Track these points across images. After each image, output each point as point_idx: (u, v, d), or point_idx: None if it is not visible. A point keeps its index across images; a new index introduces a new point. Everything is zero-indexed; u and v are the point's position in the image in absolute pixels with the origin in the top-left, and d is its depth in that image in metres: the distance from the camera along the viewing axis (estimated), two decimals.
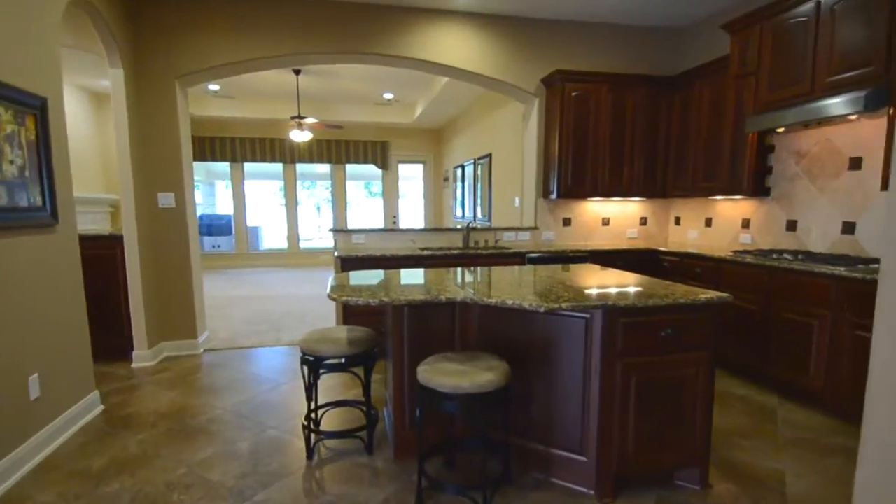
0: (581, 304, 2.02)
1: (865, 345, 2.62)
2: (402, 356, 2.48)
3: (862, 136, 3.18)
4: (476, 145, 8.27)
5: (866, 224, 3.16)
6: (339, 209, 11.16)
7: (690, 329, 2.15)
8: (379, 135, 10.93)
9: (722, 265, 3.61)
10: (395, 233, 4.75)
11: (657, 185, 4.70)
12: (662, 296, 2.12)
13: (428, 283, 2.52)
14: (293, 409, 3.14)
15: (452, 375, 1.95)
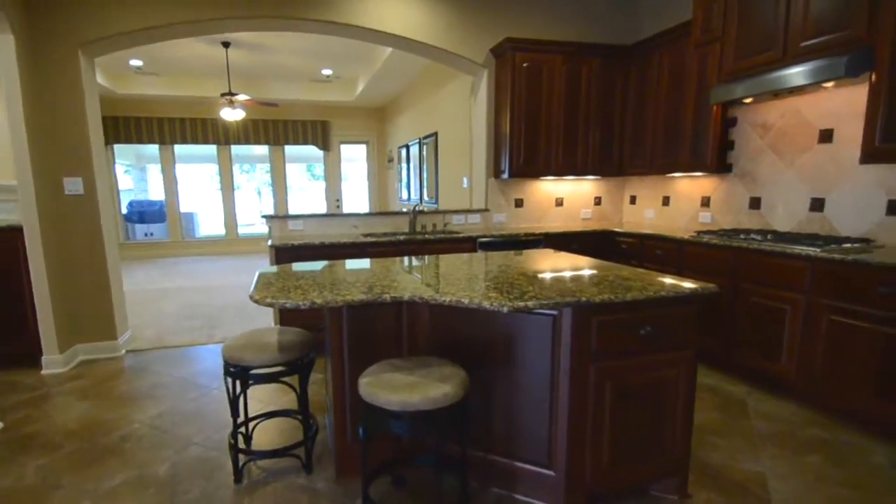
0: (551, 301, 1.58)
1: (843, 330, 2.37)
2: (343, 364, 2.03)
3: (833, 106, 2.94)
4: (421, 124, 7.70)
5: (837, 201, 2.94)
6: (279, 193, 10.29)
7: (672, 326, 1.78)
8: (319, 114, 10.11)
9: (684, 246, 3.32)
10: (335, 218, 4.18)
11: (613, 163, 4.37)
12: (641, 288, 1.72)
13: (371, 278, 2.04)
14: (224, 418, 2.66)
15: (400, 389, 1.55)
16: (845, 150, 2.86)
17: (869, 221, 2.76)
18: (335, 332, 1.99)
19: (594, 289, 1.73)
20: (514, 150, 4.12)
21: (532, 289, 1.74)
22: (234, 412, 2.07)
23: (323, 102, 9.63)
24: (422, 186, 7.79)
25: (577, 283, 1.82)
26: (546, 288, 1.75)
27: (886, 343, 2.19)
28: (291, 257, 3.43)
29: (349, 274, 2.16)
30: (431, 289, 1.80)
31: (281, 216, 4.02)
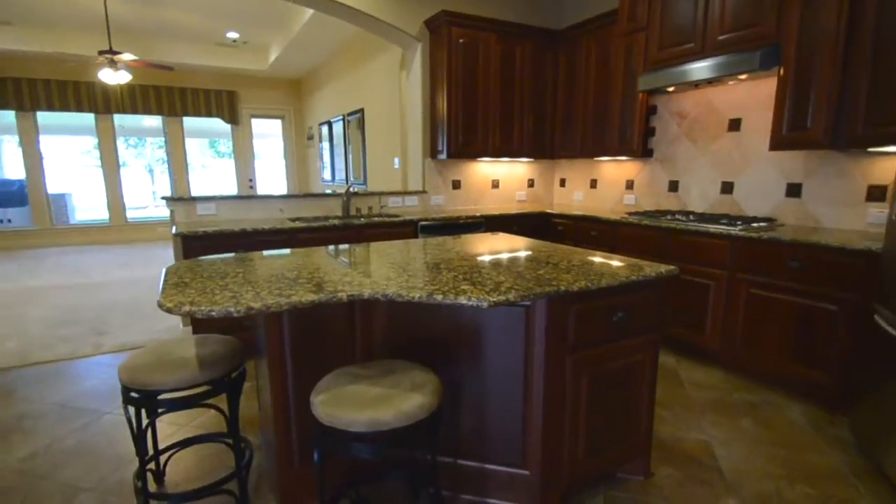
0: (531, 292, 1.53)
1: (760, 303, 2.65)
2: (285, 378, 1.75)
3: (740, 97, 3.21)
4: (345, 99, 7.29)
5: (744, 184, 3.25)
6: (177, 172, 9.20)
7: (641, 310, 1.83)
8: (225, 83, 9.14)
9: (618, 227, 3.50)
10: (256, 200, 3.78)
11: (546, 146, 4.46)
12: (611, 274, 1.75)
13: (315, 272, 1.79)
14: (123, 451, 2.18)
15: (367, 405, 1.32)
16: (751, 138, 3.16)
17: (771, 203, 3.09)
18: (274, 340, 1.69)
19: (568, 276, 1.70)
20: (452, 130, 4.02)
21: (504, 278, 1.67)
22: (141, 448, 1.64)
23: (230, 70, 8.71)
24: (347, 167, 7.43)
25: (548, 270, 1.80)
26: (520, 277, 1.69)
27: (798, 312, 2.49)
28: (203, 248, 3.00)
29: (286, 267, 1.86)
30: (395, 284, 1.59)
31: (187, 198, 3.51)
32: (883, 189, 2.56)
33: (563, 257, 2.05)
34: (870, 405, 2.05)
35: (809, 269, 2.42)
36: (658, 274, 1.79)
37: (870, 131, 2.35)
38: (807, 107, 2.58)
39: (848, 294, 2.29)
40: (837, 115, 2.47)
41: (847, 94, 2.43)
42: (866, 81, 2.35)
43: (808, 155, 2.88)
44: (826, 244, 2.34)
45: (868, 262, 2.21)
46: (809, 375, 2.46)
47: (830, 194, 2.79)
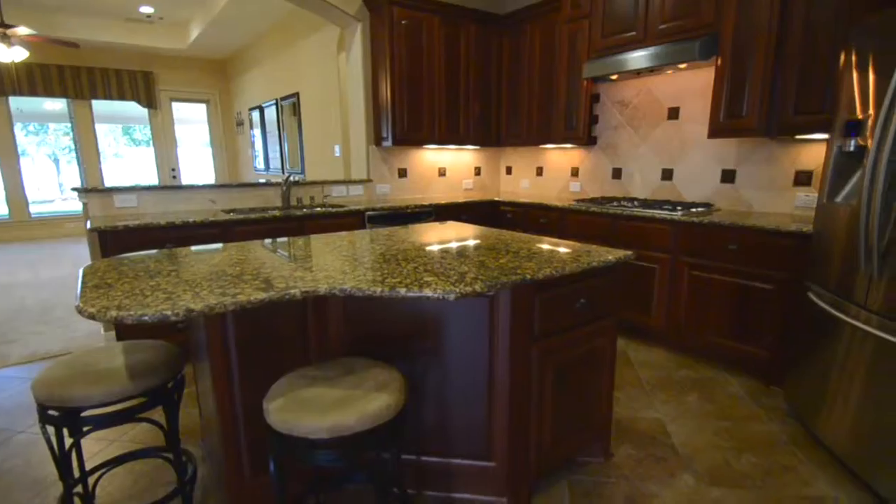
0: (497, 281, 1.42)
1: (701, 284, 2.73)
2: (231, 385, 1.57)
3: (679, 87, 3.30)
4: (278, 82, 6.80)
5: (683, 170, 3.35)
6: (88, 161, 8.24)
7: (602, 295, 1.80)
8: (140, 62, 8.26)
9: (566, 214, 3.50)
10: (183, 191, 3.39)
11: (491, 133, 4.39)
12: (573, 260, 1.69)
13: (260, 267, 1.60)
14: (42, 474, 1.88)
15: (327, 409, 1.19)
16: (689, 126, 3.26)
17: (708, 188, 3.21)
18: (217, 344, 1.50)
19: (531, 264, 1.62)
20: (397, 116, 3.83)
21: (468, 268, 1.56)
22: (65, 471, 1.45)
23: (145, 48, 7.87)
24: (283, 155, 6.97)
25: (509, 258, 1.71)
26: (483, 267, 1.59)
27: (736, 292, 2.59)
28: (125, 244, 2.67)
29: (226, 263, 1.67)
30: (351, 278, 1.43)
31: (103, 189, 3.11)
32: (809, 174, 2.72)
33: (522, 245, 1.97)
34: (802, 376, 2.17)
35: (746, 250, 2.52)
36: (617, 259, 1.76)
37: (799, 119, 2.47)
38: (743, 95, 2.67)
39: (781, 273, 2.40)
40: (771, 104, 2.57)
41: (779, 84, 2.53)
42: (796, 72, 2.46)
43: (742, 142, 3.00)
44: (762, 227, 2.43)
45: (799, 242, 2.32)
46: (747, 351, 2.58)
47: (761, 180, 2.93)
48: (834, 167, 2.03)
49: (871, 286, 1.76)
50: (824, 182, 2.09)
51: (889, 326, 1.68)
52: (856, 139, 1.89)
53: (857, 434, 1.81)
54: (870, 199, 1.72)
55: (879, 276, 1.71)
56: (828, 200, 2.06)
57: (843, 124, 1.97)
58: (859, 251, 1.79)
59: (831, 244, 2.01)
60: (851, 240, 1.88)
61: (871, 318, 1.76)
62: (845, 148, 1.95)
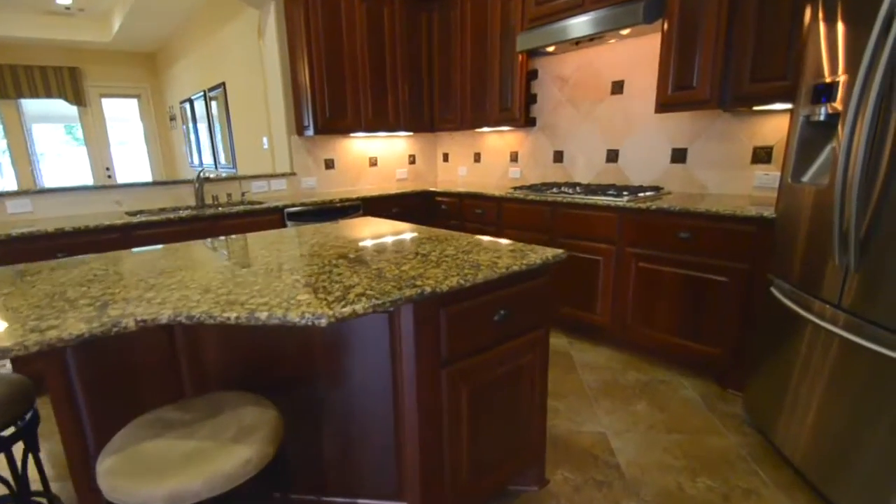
0: (387, 298, 0.96)
1: (651, 277, 2.33)
2: (80, 430, 1.26)
3: (623, 58, 2.85)
4: (204, 73, 6.02)
5: (629, 151, 2.93)
6: (20, 164, 7.26)
7: (528, 304, 1.35)
8: (66, 59, 7.27)
9: (503, 204, 3.03)
10: (86, 193, 2.83)
11: (424, 118, 3.85)
12: (490, 264, 1.23)
13: (113, 285, 1.17)
14: None
15: (169, 470, 0.89)
16: (634, 101, 2.83)
17: (657, 169, 2.81)
18: (55, 385, 1.17)
19: (437, 271, 1.17)
20: (317, 103, 3.25)
21: (358, 280, 1.11)
22: None
23: (68, 43, 6.90)
24: (215, 150, 6.22)
25: (414, 265, 1.23)
26: (377, 277, 1.13)
27: (689, 285, 2.19)
28: (14, 256, 2.16)
29: (77, 281, 1.24)
30: (209, 300, 1.04)
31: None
32: (768, 150, 2.33)
33: (437, 245, 1.49)
34: (763, 381, 1.79)
35: (699, 239, 2.12)
36: (545, 260, 1.30)
37: (757, 87, 2.06)
38: (693, 64, 2.24)
39: (740, 264, 2.01)
40: (724, 72, 2.16)
41: (734, 48, 2.11)
42: (753, 33, 2.04)
43: (694, 117, 2.60)
44: (716, 212, 2.03)
45: (760, 229, 1.93)
46: (702, 351, 2.20)
47: (716, 158, 2.54)
48: (800, 141, 1.63)
49: (847, 281, 1.36)
50: (788, 158, 1.69)
51: (867, 330, 1.29)
52: (826, 105, 1.48)
53: (819, 447, 1.43)
54: (845, 176, 1.32)
55: (857, 269, 1.32)
56: (793, 180, 1.66)
57: (810, 89, 1.56)
58: (833, 240, 1.39)
59: (797, 231, 1.61)
60: (822, 226, 1.48)
61: (844, 318, 1.37)
62: (814, 117, 1.54)
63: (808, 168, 1.63)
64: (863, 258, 1.30)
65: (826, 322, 1.43)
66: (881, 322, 1.26)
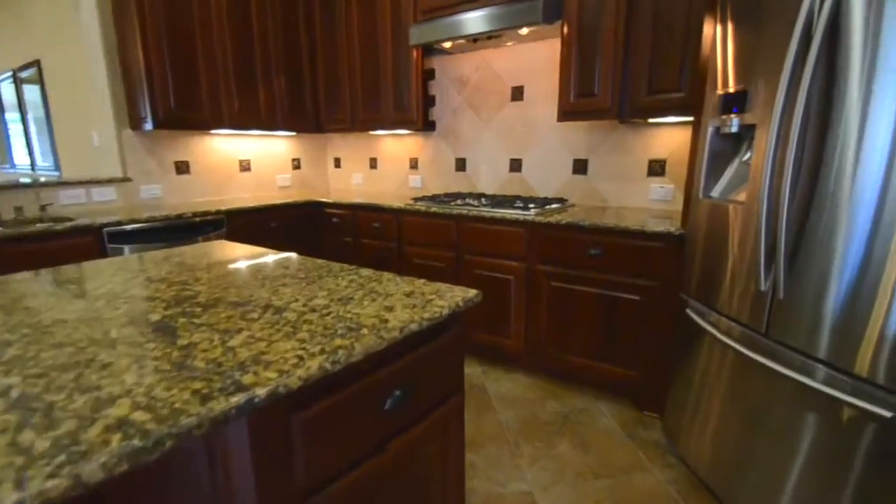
0: (171, 427, 0.55)
1: (562, 297, 2.20)
2: None
3: (522, 61, 2.74)
4: (11, 47, 4.76)
5: (532, 160, 2.82)
6: None
7: (432, 372, 1.03)
8: None
9: (402, 217, 2.73)
10: None
11: (308, 115, 3.40)
12: (377, 323, 0.89)
13: None
14: None
15: None
16: (535, 108, 2.73)
17: (560, 180, 2.73)
18: None
19: (291, 344, 0.78)
20: (156, 89, 2.61)
21: (136, 379, 0.65)
22: None
23: None
24: (31, 147, 4.96)
25: (257, 331, 0.83)
26: (178, 367, 0.69)
27: (602, 305, 2.09)
28: None
29: None
30: None
31: None
32: (662, 163, 2.35)
33: (304, 290, 1.10)
34: (681, 404, 1.73)
35: (610, 255, 2.03)
36: (454, 308, 1.01)
37: (653, 100, 2.04)
38: (594, 70, 2.17)
39: (650, 282, 1.95)
40: (623, 82, 2.11)
41: (631, 58, 2.07)
42: (649, 42, 2.01)
43: (592, 129, 2.55)
44: (625, 228, 1.95)
45: (668, 245, 1.88)
46: (617, 373, 2.12)
47: (615, 170, 2.52)
48: (710, 154, 1.58)
49: (773, 308, 1.30)
50: (696, 173, 1.64)
51: (793, 361, 1.23)
52: (739, 117, 1.42)
53: (732, 475, 1.37)
54: (770, 192, 1.25)
55: (785, 294, 1.25)
56: (703, 195, 1.61)
57: (718, 100, 1.51)
58: (757, 263, 1.32)
59: (712, 251, 1.55)
60: (741, 246, 1.42)
61: (767, 345, 1.31)
62: (724, 128, 1.49)
63: (716, 183, 1.59)
64: (791, 281, 1.24)
65: (747, 349, 1.37)
66: (806, 350, 1.20)
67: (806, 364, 1.21)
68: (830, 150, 1.12)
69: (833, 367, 1.16)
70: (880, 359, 1.06)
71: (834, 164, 1.11)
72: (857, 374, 1.10)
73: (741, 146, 1.54)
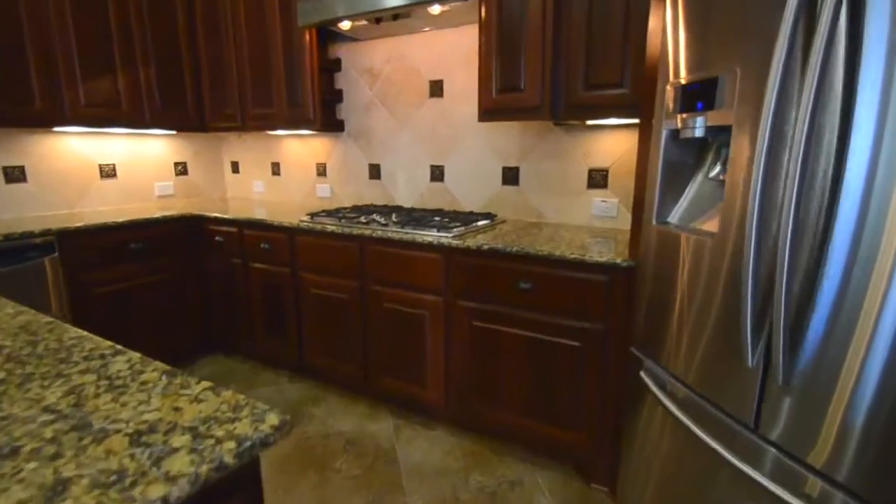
0: None
1: (488, 339, 1.73)
2: None
3: (439, 51, 2.25)
4: None
5: (456, 168, 2.34)
6: None
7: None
8: None
9: (296, 237, 2.16)
10: None
11: (188, 110, 2.72)
12: None
13: None
14: None
15: None
16: (457, 106, 2.25)
17: (488, 192, 2.27)
18: None
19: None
20: None
21: None
22: None
23: None
24: None
25: None
26: None
27: (534, 351, 1.64)
28: None
29: None
30: None
31: None
32: (604, 173, 1.95)
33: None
34: (635, 479, 1.31)
35: (543, 290, 1.58)
36: (207, 477, 0.48)
37: (591, 97, 1.61)
38: (519, 60, 1.72)
39: (592, 324, 1.53)
40: (555, 75, 1.67)
41: (564, 45, 1.63)
42: (584, 24, 1.58)
43: (523, 131, 2.11)
44: (560, 256, 1.51)
45: (614, 279, 1.46)
46: (557, 435, 1.68)
47: (551, 181, 2.09)
48: (664, 166, 1.16)
49: (767, 395, 0.89)
50: (647, 189, 1.22)
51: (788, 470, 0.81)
52: (705, 115, 1.00)
53: None
54: (759, 225, 0.83)
55: (786, 379, 0.84)
56: (657, 220, 1.19)
57: (674, 94, 1.09)
58: (740, 325, 0.90)
59: (668, 296, 1.13)
60: (711, 295, 1.00)
61: (756, 447, 0.90)
62: (685, 132, 1.07)
63: (674, 204, 1.17)
64: (796, 362, 0.82)
65: (718, 442, 0.96)
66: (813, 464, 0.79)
67: (800, 476, 0.81)
68: (857, 161, 0.71)
69: (848, 490, 0.75)
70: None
71: (860, 183, 0.71)
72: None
73: (705, 156, 1.13)
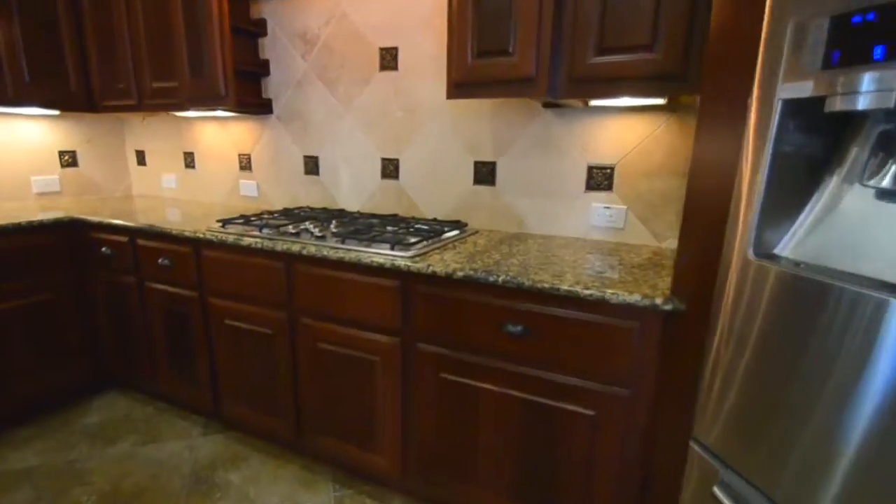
0: None
1: (464, 397, 1.20)
2: None
3: (392, 9, 1.66)
4: None
5: (413, 162, 1.77)
6: None
7: None
8: None
9: (203, 251, 1.52)
10: None
11: (69, 85, 1.97)
12: None
13: None
14: None
15: None
16: (416, 80, 1.67)
17: (456, 193, 1.71)
18: None
19: None
20: None
21: None
22: None
23: None
24: None
25: None
26: None
27: (524, 417, 1.12)
28: None
29: None
30: None
31: None
32: (608, 172, 1.43)
33: None
34: None
35: (541, 335, 1.07)
36: None
37: (604, 63, 1.10)
38: (507, 11, 1.17)
39: (610, 386, 1.03)
40: (558, 34, 1.14)
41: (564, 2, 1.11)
42: None
43: (501, 115, 1.57)
44: (570, 292, 1.00)
45: (646, 325, 0.96)
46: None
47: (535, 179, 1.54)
48: (774, 162, 0.66)
49: None
50: (733, 200, 0.72)
51: None
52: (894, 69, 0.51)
53: None
54: None
55: None
56: (756, 253, 0.69)
57: (821, 30, 0.59)
58: None
59: (783, 380, 0.64)
60: None
61: None
62: (846, 101, 0.56)
63: (785, 225, 0.68)
64: None
65: None
66: None
67: None
68: None
69: None
70: None
71: None
72: None
73: (847, 148, 0.64)
